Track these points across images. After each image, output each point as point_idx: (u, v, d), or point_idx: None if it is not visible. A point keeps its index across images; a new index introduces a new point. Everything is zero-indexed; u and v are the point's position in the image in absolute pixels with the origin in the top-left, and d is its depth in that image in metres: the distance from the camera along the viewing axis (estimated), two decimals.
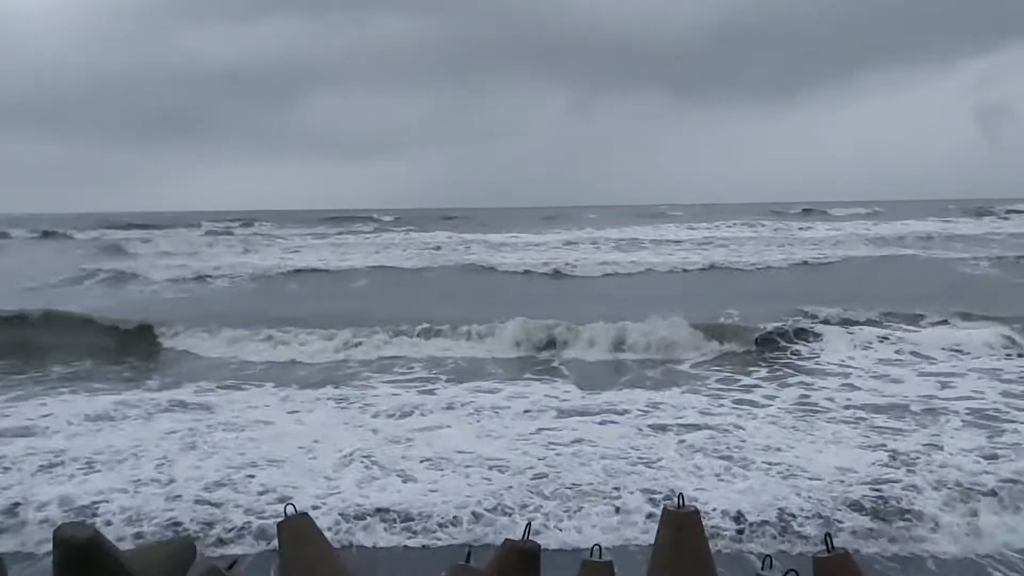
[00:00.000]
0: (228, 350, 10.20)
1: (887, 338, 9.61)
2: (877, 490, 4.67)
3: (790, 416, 6.52)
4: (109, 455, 5.63)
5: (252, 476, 5.19)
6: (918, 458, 5.30)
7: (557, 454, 5.59)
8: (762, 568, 2.70)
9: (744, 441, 5.75)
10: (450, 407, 7.08)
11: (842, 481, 4.84)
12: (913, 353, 9.06)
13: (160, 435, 6.16)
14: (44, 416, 6.83)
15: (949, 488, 4.65)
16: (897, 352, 9.16)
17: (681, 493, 3.00)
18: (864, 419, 6.42)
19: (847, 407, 6.83)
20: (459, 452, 5.62)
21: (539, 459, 5.44)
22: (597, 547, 2.89)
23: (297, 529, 3.25)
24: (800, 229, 32.55)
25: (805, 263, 20.35)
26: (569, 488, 4.79)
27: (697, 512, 2.96)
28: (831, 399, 7.21)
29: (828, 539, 2.78)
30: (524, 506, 4.56)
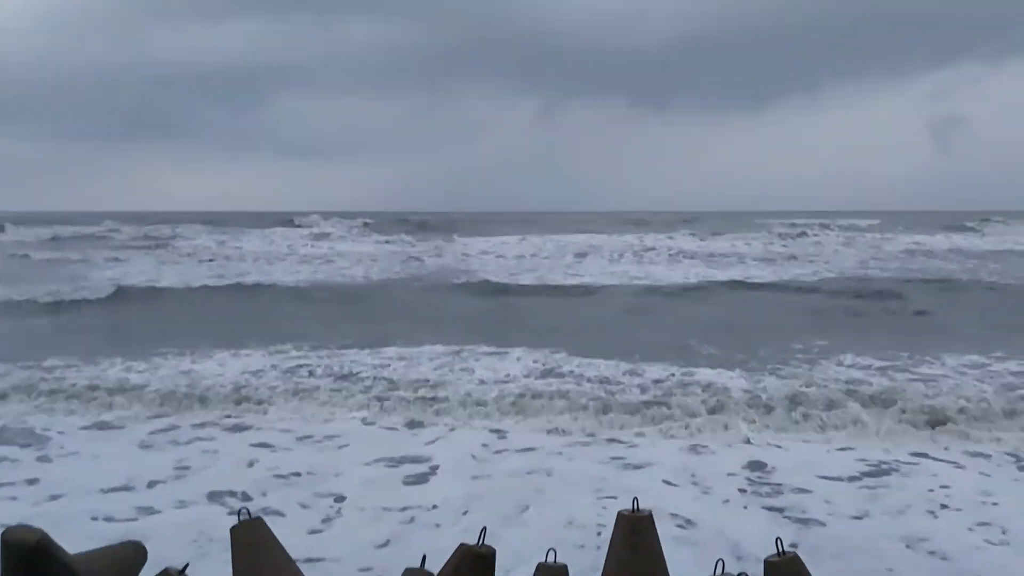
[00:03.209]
0: None
1: None
2: None
3: None
4: None
5: None
6: None
7: None
8: (715, 572, 2.85)
9: None
10: None
11: None
12: None
13: None
14: None
15: None
16: None
17: (636, 497, 3.16)
18: None
19: None
20: None
21: None
22: (552, 551, 3.04)
23: (251, 534, 3.35)
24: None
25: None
26: None
27: (651, 516, 3.12)
28: None
29: (779, 543, 2.96)
30: None
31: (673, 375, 9.49)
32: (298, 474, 6.41)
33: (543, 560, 3.15)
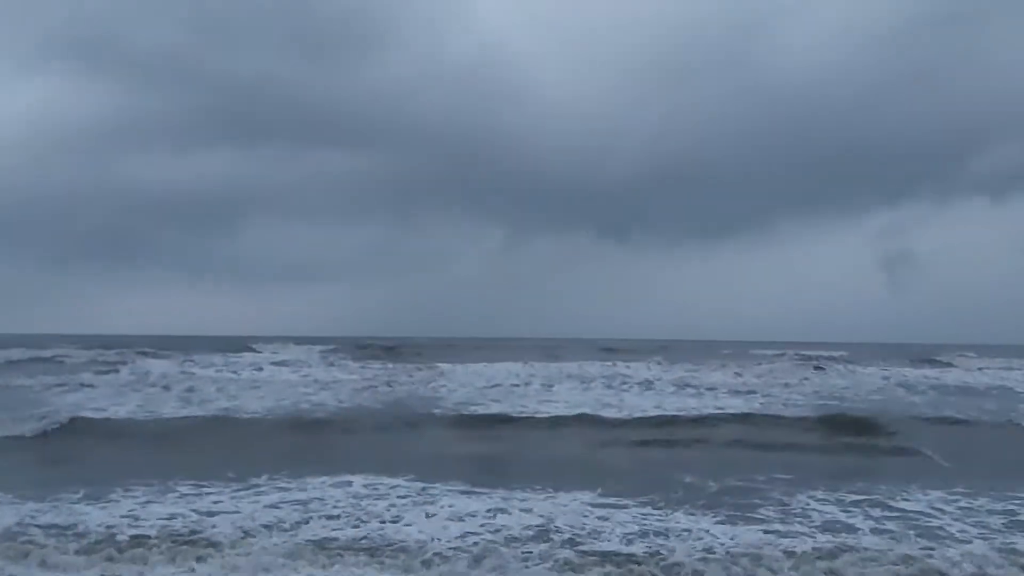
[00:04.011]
0: None
1: None
2: None
3: None
4: None
5: None
6: None
7: None
8: None
9: None
10: None
11: None
12: None
13: None
14: None
15: None
16: None
17: None
18: None
19: None
20: None
21: None
22: None
23: None
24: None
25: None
26: None
27: None
28: None
29: None
30: None
31: (649, 518, 9.30)
32: None
33: None
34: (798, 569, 7.56)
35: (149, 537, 8.33)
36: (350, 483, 10.99)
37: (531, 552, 7.95)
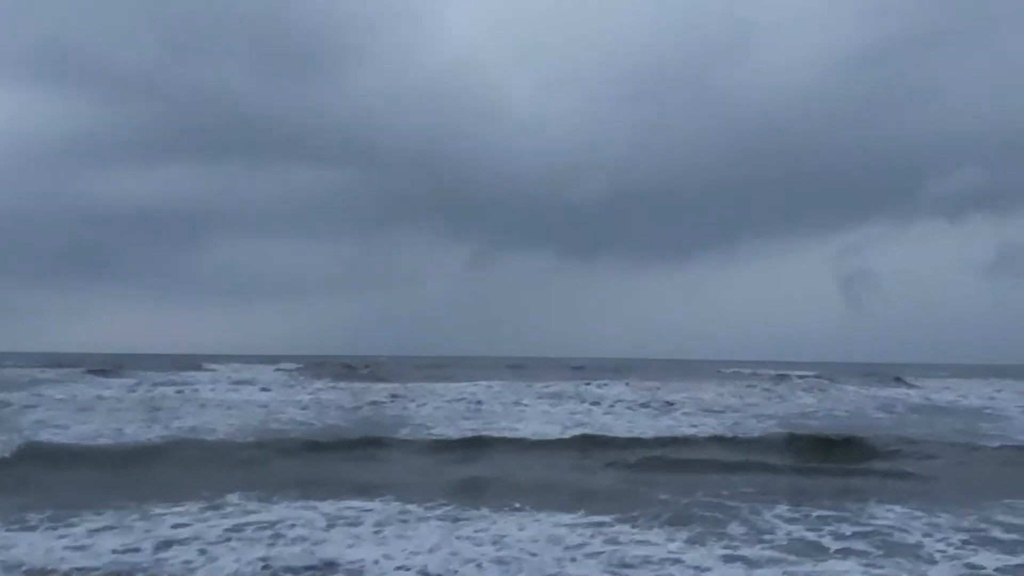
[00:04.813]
0: None
1: None
2: None
3: None
4: None
5: None
6: None
7: None
8: None
9: None
10: None
11: None
12: None
13: None
14: None
15: None
16: None
17: None
18: None
19: None
20: None
21: None
22: None
23: None
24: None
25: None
26: None
27: None
28: None
29: None
30: None
31: (623, 542, 8.99)
32: None
33: None
34: None
35: (97, 568, 7.89)
36: (315, 507, 10.61)
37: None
